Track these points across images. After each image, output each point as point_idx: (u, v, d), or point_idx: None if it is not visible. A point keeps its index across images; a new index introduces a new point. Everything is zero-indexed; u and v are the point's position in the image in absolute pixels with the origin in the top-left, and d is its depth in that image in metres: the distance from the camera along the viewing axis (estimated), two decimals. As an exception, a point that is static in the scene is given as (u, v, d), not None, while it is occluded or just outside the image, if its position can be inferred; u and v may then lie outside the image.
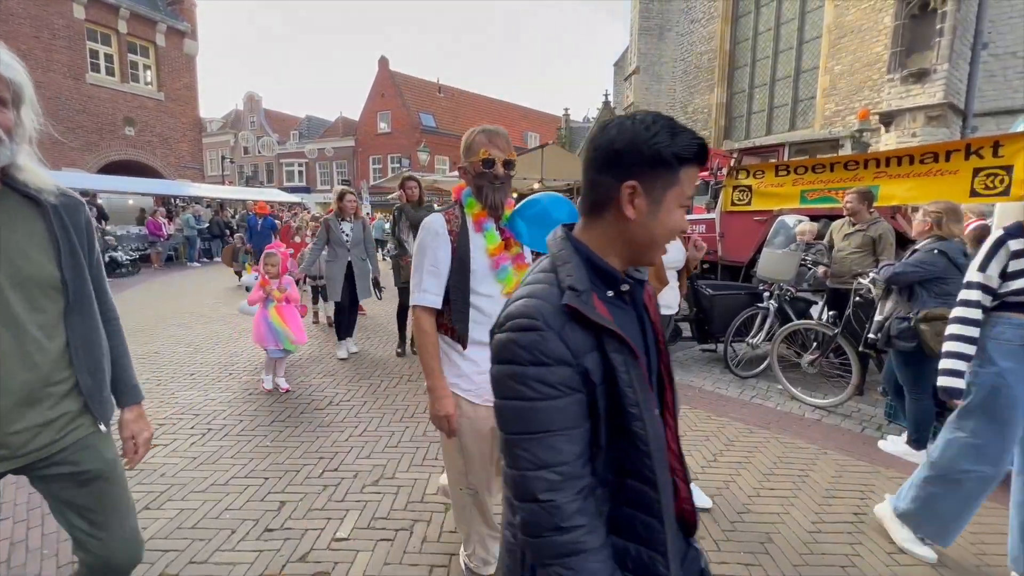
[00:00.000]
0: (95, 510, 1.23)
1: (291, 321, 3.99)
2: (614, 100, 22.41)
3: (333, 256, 4.89)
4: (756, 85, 13.61)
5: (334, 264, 4.89)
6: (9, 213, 1.10)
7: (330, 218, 4.92)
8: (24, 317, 1.08)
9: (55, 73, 14.90)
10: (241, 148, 34.48)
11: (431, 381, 1.62)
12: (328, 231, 4.86)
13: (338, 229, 4.85)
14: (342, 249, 4.86)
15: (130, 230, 13.25)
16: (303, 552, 2.17)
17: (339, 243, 4.85)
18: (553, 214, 1.66)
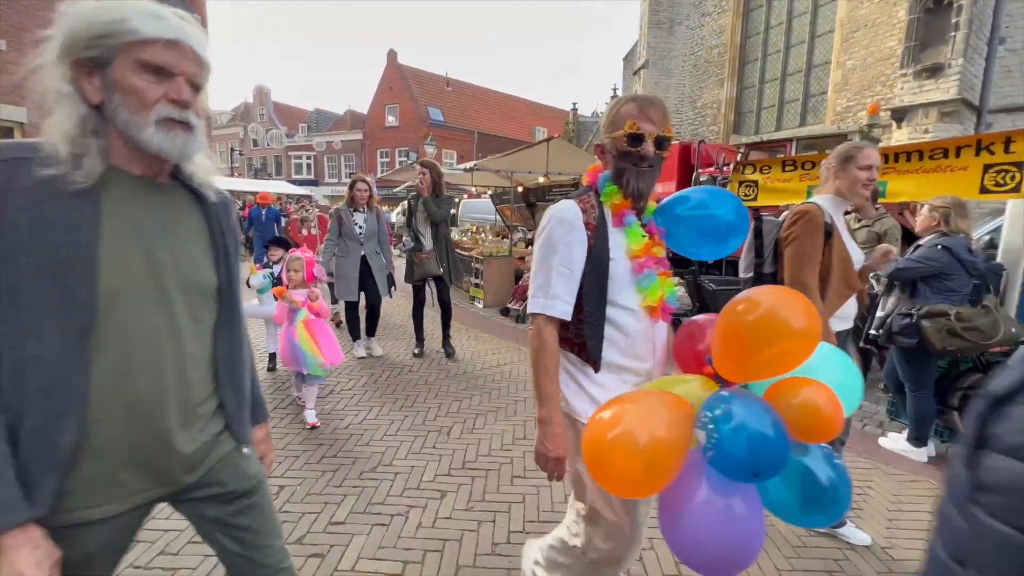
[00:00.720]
0: (246, 529, 1.09)
1: (322, 339, 3.24)
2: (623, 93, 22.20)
3: (344, 251, 4.51)
4: (767, 80, 13.45)
5: (346, 260, 4.50)
6: (176, 209, 0.97)
7: (342, 208, 4.53)
8: (185, 329, 0.95)
9: (67, 64, 15.02)
10: (250, 140, 34.70)
11: (546, 411, 1.28)
12: (340, 223, 4.48)
13: (350, 221, 4.46)
14: (354, 243, 4.48)
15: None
16: (299, 535, 2.21)
17: (351, 236, 4.46)
18: (716, 211, 1.37)
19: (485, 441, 3.13)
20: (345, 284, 4.52)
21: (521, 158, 7.68)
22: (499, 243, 8.16)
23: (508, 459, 2.90)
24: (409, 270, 4.65)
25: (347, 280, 4.51)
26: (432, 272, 4.53)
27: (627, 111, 1.30)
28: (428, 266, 4.51)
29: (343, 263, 4.52)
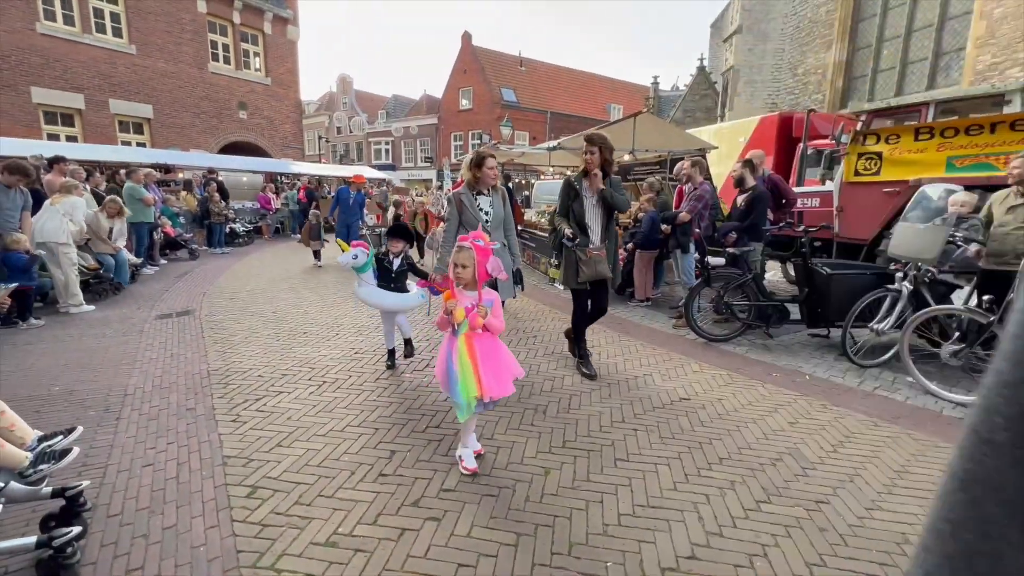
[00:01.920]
0: None
1: (488, 363, 2.42)
2: (710, 64, 20.72)
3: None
4: (886, 38, 11.81)
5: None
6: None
7: (462, 193, 3.63)
8: None
9: (184, 64, 16.73)
10: (335, 128, 36.78)
11: None
12: (460, 210, 3.61)
13: (474, 207, 3.58)
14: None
15: (245, 204, 14.74)
16: (415, 498, 2.32)
17: (474, 225, 3.50)
18: None
19: (583, 422, 3.09)
20: None
21: (606, 134, 7.41)
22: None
23: (609, 441, 2.85)
24: (572, 270, 3.72)
25: None
26: (604, 274, 3.67)
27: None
28: (599, 265, 3.64)
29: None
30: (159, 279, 7.78)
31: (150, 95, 16.03)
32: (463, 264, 2.46)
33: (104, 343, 4.57)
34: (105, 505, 2.24)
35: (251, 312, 5.76)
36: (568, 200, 3.73)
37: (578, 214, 3.68)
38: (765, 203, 4.87)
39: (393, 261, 3.78)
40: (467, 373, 2.37)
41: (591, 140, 3.59)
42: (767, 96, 14.26)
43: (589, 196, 3.67)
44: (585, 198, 3.67)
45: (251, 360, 4.15)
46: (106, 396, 3.41)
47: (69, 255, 5.54)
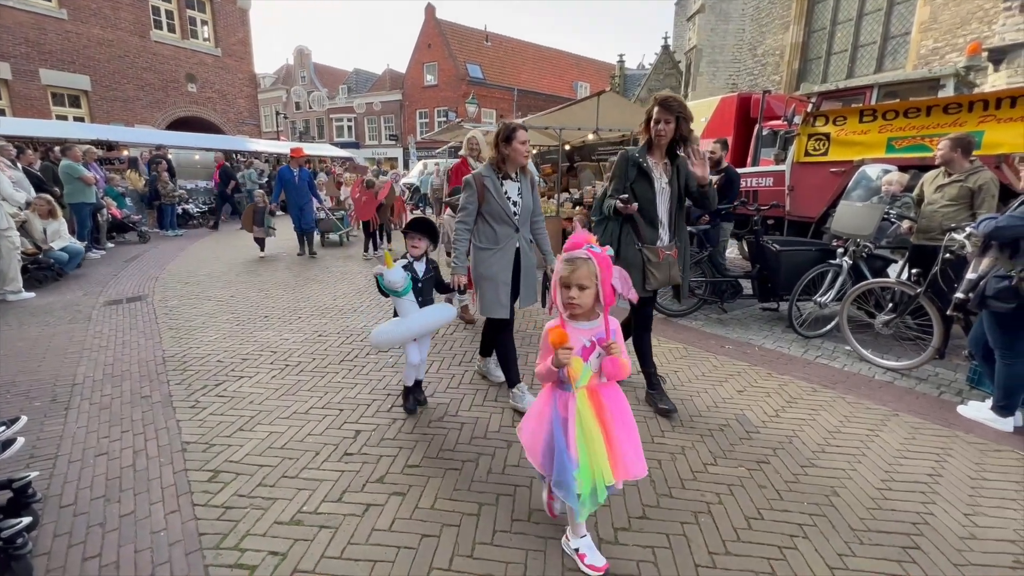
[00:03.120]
0: None
1: (624, 426, 1.72)
2: (674, 43, 20.84)
3: (491, 239, 2.86)
4: (839, 21, 12.18)
5: (495, 254, 2.86)
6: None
7: (485, 174, 2.83)
8: None
9: (122, 31, 15.50)
10: (293, 104, 35.09)
11: None
12: (481, 196, 2.81)
13: (500, 195, 2.81)
14: (506, 227, 2.84)
15: (199, 184, 14.02)
16: (380, 474, 2.37)
17: (501, 217, 2.82)
18: None
19: (545, 396, 3.19)
20: (493, 292, 2.85)
21: (569, 114, 7.42)
22: (545, 203, 8.03)
23: (569, 414, 2.97)
24: (636, 275, 2.80)
25: (496, 286, 2.85)
26: (676, 280, 2.96)
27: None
28: (672, 269, 2.90)
29: (489, 259, 2.87)
30: (106, 263, 7.38)
31: (86, 65, 14.83)
32: (582, 284, 1.63)
33: (47, 331, 4.35)
34: (57, 496, 2.19)
35: (208, 296, 5.57)
36: (626, 181, 2.81)
37: (643, 201, 2.78)
38: (736, 183, 5.08)
39: (415, 267, 2.82)
40: (597, 451, 1.63)
41: (667, 105, 2.66)
42: (728, 76, 14.52)
43: (659, 177, 2.78)
44: (655, 180, 2.77)
45: (209, 345, 4.04)
46: (53, 386, 3.27)
47: (12, 239, 5.18)
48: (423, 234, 2.87)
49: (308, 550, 1.89)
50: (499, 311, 2.90)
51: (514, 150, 2.77)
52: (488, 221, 2.87)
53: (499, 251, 2.88)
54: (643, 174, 2.79)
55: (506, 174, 2.86)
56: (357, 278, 6.65)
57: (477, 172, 2.89)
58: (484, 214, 2.87)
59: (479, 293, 2.96)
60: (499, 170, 2.86)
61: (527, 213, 2.93)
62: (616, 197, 2.80)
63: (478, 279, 2.95)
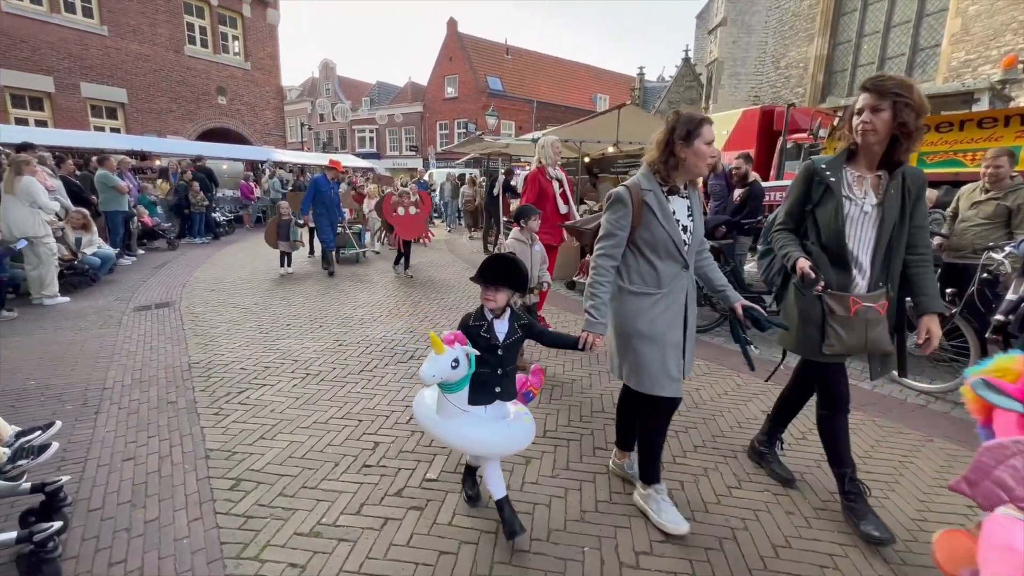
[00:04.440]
0: None
1: None
2: (695, 56, 20.80)
3: (652, 281, 2.01)
4: (866, 33, 12.00)
5: (659, 303, 2.01)
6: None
7: (645, 188, 1.98)
8: None
9: (159, 47, 16.18)
10: (317, 115, 36.00)
11: None
12: (638, 219, 1.97)
13: (668, 217, 1.96)
14: (673, 263, 2.00)
15: (226, 193, 14.44)
16: (398, 488, 2.36)
17: (668, 249, 1.98)
18: None
19: (563, 412, 3.16)
20: (658, 358, 1.98)
21: (589, 127, 7.45)
22: (564, 215, 8.03)
23: (588, 430, 2.93)
24: (812, 329, 2.05)
25: (662, 350, 1.99)
26: (880, 346, 2.08)
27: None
28: (872, 329, 2.02)
29: (650, 311, 2.00)
30: (137, 269, 7.62)
31: (124, 79, 15.50)
32: None
33: (81, 336, 4.49)
34: (86, 499, 2.24)
35: (232, 303, 5.70)
36: (807, 202, 2.05)
37: (831, 231, 1.96)
38: (760, 198, 5.01)
39: (495, 327, 1.96)
40: None
41: (880, 88, 1.80)
42: (750, 89, 14.40)
43: (860, 197, 1.94)
44: (851, 201, 1.95)
45: (233, 352, 4.12)
46: (84, 390, 3.37)
47: (50, 246, 5.40)
48: (503, 283, 1.92)
49: (327, 563, 1.89)
50: (667, 386, 1.98)
51: (696, 154, 1.89)
52: (645, 254, 1.99)
53: (663, 298, 1.98)
54: (833, 194, 1.94)
55: (674, 187, 2.00)
56: (377, 288, 6.72)
57: (632, 183, 2.01)
58: (640, 244, 1.99)
59: (629, 359, 2.04)
60: (664, 181, 1.99)
61: (697, 242, 2.07)
62: (792, 252, 2.00)
63: (627, 338, 2.02)
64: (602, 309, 1.98)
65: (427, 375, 1.77)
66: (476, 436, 1.92)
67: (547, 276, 3.85)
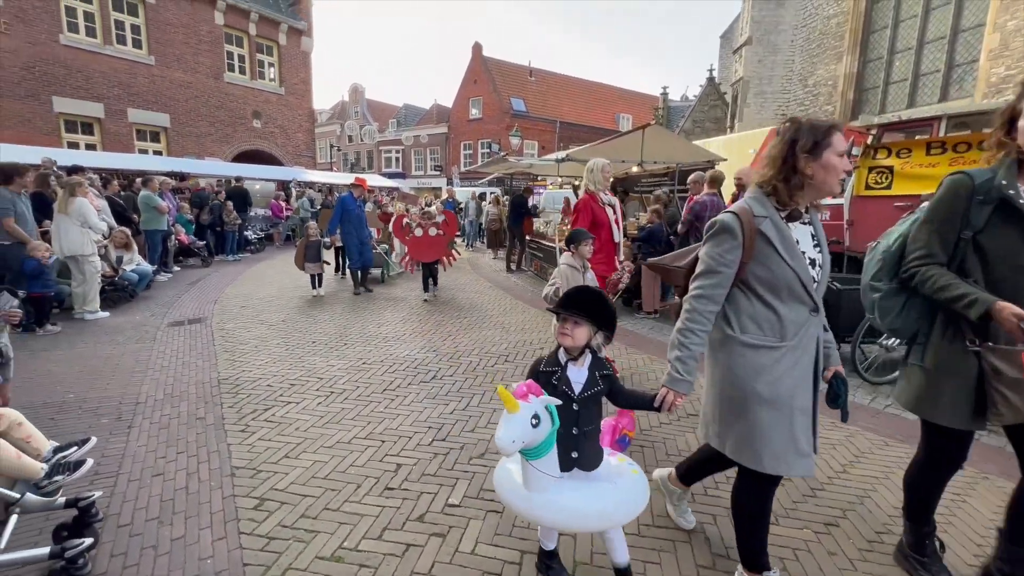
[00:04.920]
0: None
1: None
2: (719, 75, 20.76)
3: (773, 330, 1.58)
4: (898, 50, 11.77)
5: (784, 359, 1.57)
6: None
7: (760, 211, 1.58)
8: None
9: (200, 74, 17.09)
10: (346, 137, 37.22)
11: None
12: (750, 252, 1.57)
13: (792, 249, 1.55)
14: (799, 307, 1.58)
15: (257, 212, 14.95)
16: (420, 512, 2.32)
17: (792, 290, 1.56)
18: None
19: (589, 437, 3.08)
20: (781, 429, 1.58)
21: (613, 147, 7.45)
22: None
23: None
24: (958, 389, 1.66)
25: (788, 418, 1.59)
26: None
27: None
28: None
29: (772, 368, 1.58)
30: (172, 286, 7.90)
31: (167, 104, 16.38)
32: None
33: (118, 350, 4.65)
34: (116, 515, 2.27)
35: (261, 320, 5.83)
36: (961, 229, 1.63)
37: (1011, 265, 1.57)
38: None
39: (570, 374, 1.65)
40: None
41: None
42: (777, 107, 14.24)
43: None
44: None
45: (260, 369, 4.19)
46: (119, 404, 3.46)
47: (94, 263, 5.66)
48: (585, 313, 1.60)
49: (348, 590, 1.85)
50: (796, 463, 1.57)
51: (827, 168, 1.51)
52: (762, 296, 1.58)
53: (790, 352, 1.56)
54: (1009, 216, 1.55)
55: (794, 212, 1.59)
56: (401, 306, 6.79)
57: (741, 209, 1.59)
58: (754, 283, 1.59)
59: (739, 429, 1.63)
60: (781, 205, 1.59)
61: (826, 279, 1.63)
62: (974, 295, 1.52)
63: (739, 402, 1.62)
64: (690, 364, 1.60)
65: (505, 442, 1.39)
66: (583, 506, 1.54)
67: None
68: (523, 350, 4.80)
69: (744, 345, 1.60)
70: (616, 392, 1.73)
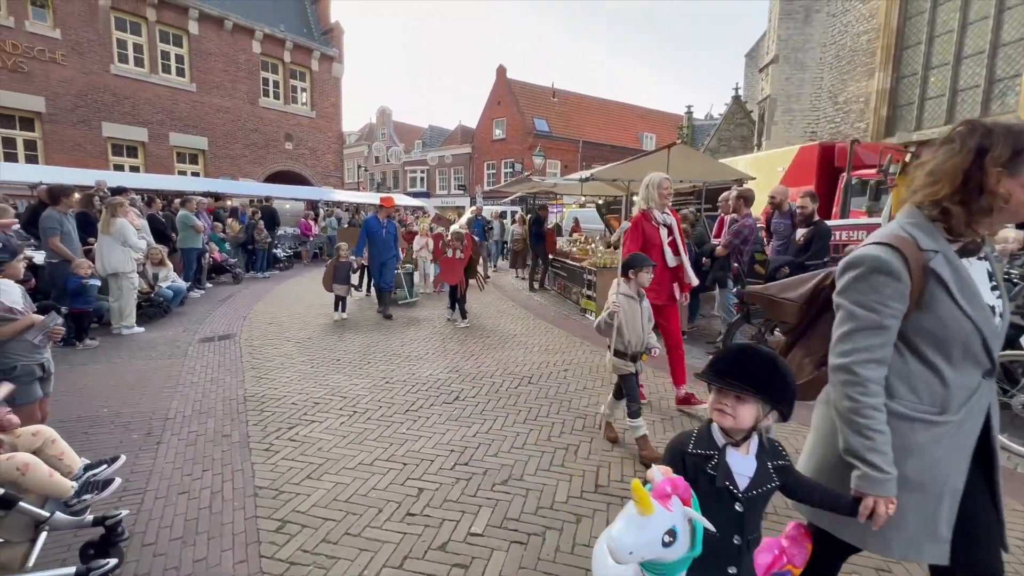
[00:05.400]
0: None
1: None
2: (745, 93, 20.60)
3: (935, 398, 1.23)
4: (933, 66, 11.45)
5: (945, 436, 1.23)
6: None
7: (929, 243, 1.21)
8: None
9: (238, 100, 17.92)
10: (373, 157, 38.25)
11: None
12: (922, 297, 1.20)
13: (969, 292, 1.18)
14: (970, 369, 1.22)
15: (286, 230, 15.40)
16: (442, 541, 2.25)
17: (968, 347, 1.20)
18: None
19: (616, 464, 2.97)
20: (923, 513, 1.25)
21: (639, 166, 7.38)
22: (613, 254, 7.91)
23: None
24: None
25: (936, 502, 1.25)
26: None
27: None
28: None
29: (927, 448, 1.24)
30: (204, 302, 8.13)
31: (206, 128, 17.18)
32: None
33: (151, 365, 4.77)
34: (141, 533, 2.28)
35: (287, 337, 5.91)
36: None
37: None
38: (826, 239, 4.77)
39: (731, 463, 1.21)
40: None
41: None
42: (806, 125, 13.98)
43: None
44: None
45: (285, 387, 4.22)
46: (149, 419, 3.52)
47: (133, 280, 5.88)
48: (752, 384, 1.16)
49: (367, 623, 1.79)
50: (929, 550, 1.27)
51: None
52: (923, 354, 1.25)
53: (954, 428, 1.24)
54: None
55: (971, 244, 1.25)
56: (424, 325, 6.80)
57: (897, 238, 1.23)
58: (913, 337, 1.25)
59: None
60: (953, 234, 1.23)
61: (1005, 327, 1.29)
62: None
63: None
64: (887, 454, 1.20)
65: (621, 549, 1.05)
66: None
67: (655, 340, 3.10)
68: (547, 371, 4.72)
69: (891, 414, 1.23)
70: (793, 485, 1.27)
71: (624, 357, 2.98)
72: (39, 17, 13.59)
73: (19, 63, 13.20)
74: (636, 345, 2.98)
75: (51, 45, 13.71)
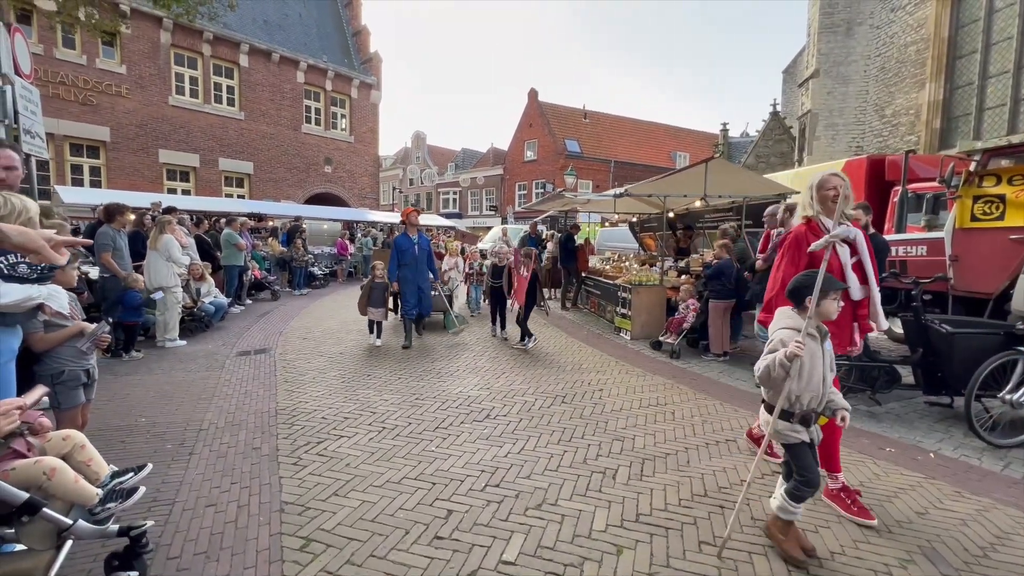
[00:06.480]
0: None
1: None
2: (783, 109, 20.10)
3: None
4: (991, 75, 10.83)
5: None
6: None
7: None
8: None
9: (282, 126, 18.85)
10: (408, 180, 39.38)
11: None
12: None
13: None
14: None
15: (324, 250, 15.84)
16: (471, 568, 2.10)
17: None
18: None
19: (658, 492, 2.75)
20: None
21: (674, 181, 7.20)
22: (647, 271, 7.68)
23: (691, 519, 2.49)
24: None
25: None
26: None
27: None
28: None
29: None
30: (244, 317, 8.36)
31: (252, 153, 18.10)
32: None
33: (189, 377, 4.86)
34: (167, 546, 2.23)
35: (320, 352, 5.95)
36: None
37: None
38: (885, 253, 4.47)
39: None
40: None
41: None
42: (851, 139, 13.44)
43: None
44: None
45: (316, 401, 4.20)
46: (183, 430, 3.55)
47: (176, 295, 6.10)
48: None
49: (390, 657, 1.65)
50: None
51: None
52: None
53: None
54: None
55: None
56: (454, 342, 6.73)
57: None
58: None
59: None
60: None
61: None
62: None
63: None
64: None
65: None
66: None
67: (839, 396, 2.21)
68: (580, 391, 4.53)
69: None
70: None
71: (790, 419, 2.14)
72: (108, 55, 14.80)
73: (88, 97, 14.35)
74: (810, 402, 2.12)
75: (117, 80, 14.86)
